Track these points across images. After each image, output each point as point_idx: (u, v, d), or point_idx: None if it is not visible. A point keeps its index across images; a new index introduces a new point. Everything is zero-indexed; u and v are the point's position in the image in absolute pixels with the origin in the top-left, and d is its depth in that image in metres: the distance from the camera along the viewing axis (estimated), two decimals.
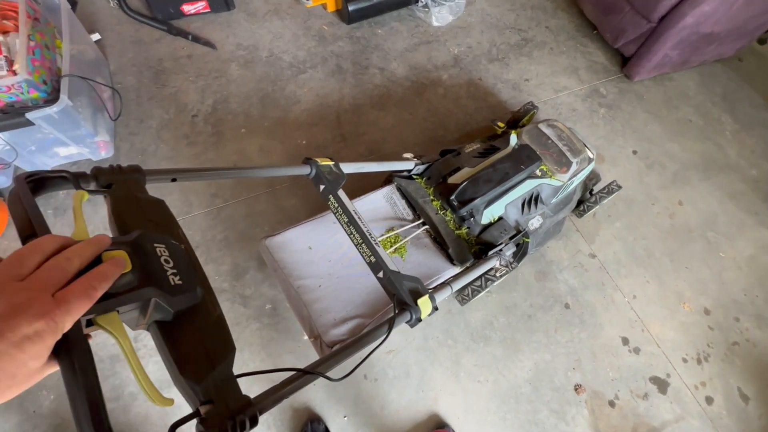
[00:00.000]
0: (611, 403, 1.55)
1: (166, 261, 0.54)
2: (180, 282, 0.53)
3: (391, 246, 1.29)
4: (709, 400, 1.59)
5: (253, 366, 1.48)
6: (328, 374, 0.69)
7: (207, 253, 1.67)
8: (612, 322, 1.69)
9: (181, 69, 2.09)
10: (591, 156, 1.65)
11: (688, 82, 2.41)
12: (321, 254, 1.21)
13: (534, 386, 1.55)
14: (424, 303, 0.91)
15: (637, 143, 2.15)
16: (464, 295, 1.51)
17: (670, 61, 2.22)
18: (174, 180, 0.76)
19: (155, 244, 0.54)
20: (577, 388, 1.56)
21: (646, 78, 2.33)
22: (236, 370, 0.57)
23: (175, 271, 0.54)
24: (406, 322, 0.89)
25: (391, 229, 1.32)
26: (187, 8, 2.19)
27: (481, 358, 1.58)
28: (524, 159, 1.45)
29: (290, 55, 2.21)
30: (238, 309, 1.58)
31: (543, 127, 1.57)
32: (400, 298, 0.91)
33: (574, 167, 1.52)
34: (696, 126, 2.26)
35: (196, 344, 0.54)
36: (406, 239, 1.30)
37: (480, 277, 1.44)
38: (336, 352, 0.72)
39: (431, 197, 1.45)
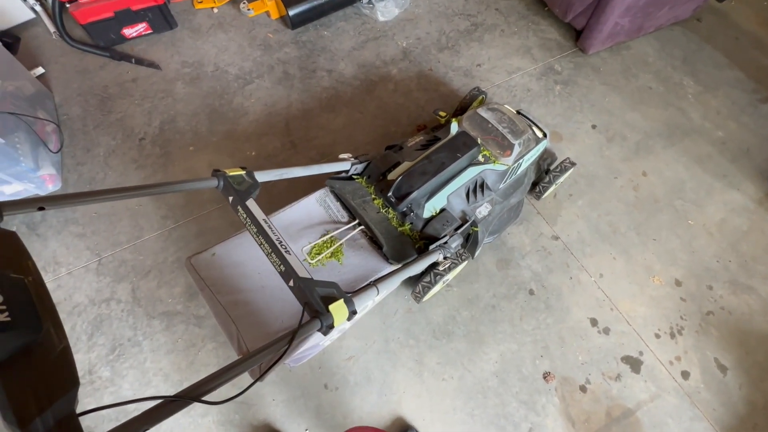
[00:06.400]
0: (582, 388, 1.49)
1: None
2: (8, 319, 0.50)
3: (327, 249, 1.25)
4: (686, 375, 1.53)
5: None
6: (206, 398, 0.65)
7: (159, 277, 1.64)
8: (579, 304, 1.63)
9: (126, 93, 2.08)
10: (539, 135, 1.60)
11: (647, 49, 2.35)
12: (251, 267, 1.18)
13: (501, 378, 1.50)
14: (337, 308, 0.87)
15: (596, 117, 2.09)
16: (416, 293, 1.47)
17: (623, 29, 2.16)
18: (41, 209, 0.73)
19: None
20: (546, 375, 1.51)
21: (601, 49, 2.27)
22: None
23: (3, 308, 0.51)
24: (318, 330, 0.85)
25: (326, 233, 1.29)
26: (128, 32, 2.17)
27: (445, 355, 1.53)
28: (460, 147, 1.41)
29: (236, 67, 2.18)
30: (193, 330, 1.55)
31: (482, 112, 1.52)
32: (311, 306, 0.87)
33: (517, 149, 1.47)
34: (657, 93, 2.20)
35: (27, 384, 0.51)
36: (341, 242, 1.26)
37: (428, 272, 1.40)
38: (219, 372, 0.68)
39: (372, 196, 1.41)
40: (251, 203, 1.00)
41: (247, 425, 1.41)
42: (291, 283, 0.90)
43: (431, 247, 1.29)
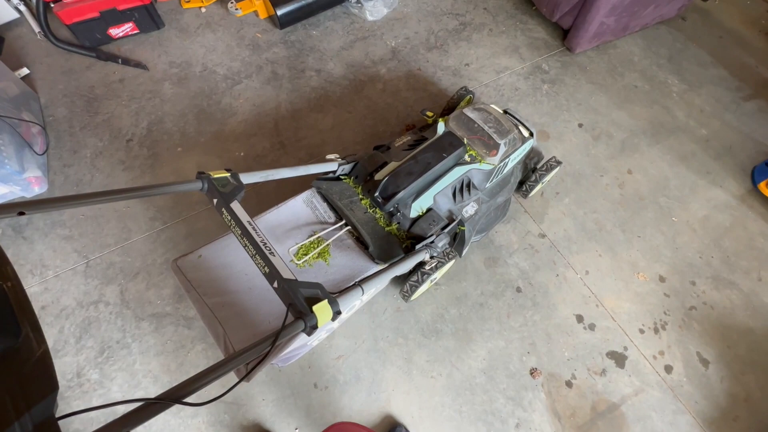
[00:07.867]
0: (568, 384, 1.52)
1: None
2: None
3: (314, 250, 1.25)
4: (669, 369, 1.56)
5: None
6: (191, 399, 0.66)
7: (148, 279, 1.64)
8: (565, 301, 1.66)
9: (113, 94, 2.06)
10: (526, 135, 1.62)
11: (633, 48, 2.38)
12: (238, 269, 1.18)
13: (489, 375, 1.52)
14: (321, 309, 0.88)
15: (583, 115, 2.12)
16: (404, 292, 1.49)
17: (609, 28, 2.18)
18: (22, 213, 0.73)
19: None
20: (533, 372, 1.53)
21: (587, 48, 2.29)
22: None
23: None
24: (302, 331, 0.86)
25: (313, 233, 1.29)
26: (114, 32, 2.15)
27: (434, 353, 1.55)
28: (446, 147, 1.42)
29: (224, 67, 2.17)
30: (182, 332, 1.55)
31: (468, 112, 1.53)
32: (295, 307, 0.88)
33: (502, 149, 1.48)
34: (642, 91, 2.22)
35: (5, 389, 0.51)
36: (328, 242, 1.27)
37: (415, 271, 1.41)
38: (201, 374, 0.69)
39: (360, 196, 1.42)
40: (236, 205, 1.00)
41: (237, 425, 1.41)
42: (275, 285, 0.91)
43: (418, 246, 1.30)
